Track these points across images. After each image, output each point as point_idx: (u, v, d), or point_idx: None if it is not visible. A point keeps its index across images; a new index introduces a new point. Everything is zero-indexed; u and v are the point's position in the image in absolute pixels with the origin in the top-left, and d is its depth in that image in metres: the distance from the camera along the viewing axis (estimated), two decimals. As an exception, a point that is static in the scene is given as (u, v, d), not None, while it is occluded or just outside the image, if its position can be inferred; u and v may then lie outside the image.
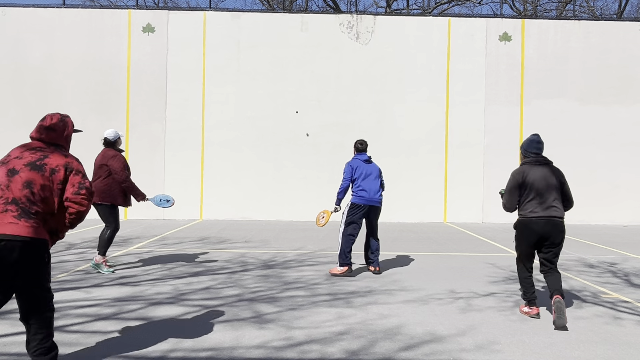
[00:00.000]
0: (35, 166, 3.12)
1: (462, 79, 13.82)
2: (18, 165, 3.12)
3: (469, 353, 3.84)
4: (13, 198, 3.03)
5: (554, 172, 4.79)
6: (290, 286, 5.91)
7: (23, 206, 3.03)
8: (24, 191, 3.05)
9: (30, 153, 3.19)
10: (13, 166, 3.12)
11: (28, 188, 3.06)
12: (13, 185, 3.06)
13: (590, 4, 24.45)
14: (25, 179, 3.07)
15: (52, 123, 3.34)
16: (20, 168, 3.10)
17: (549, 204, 4.65)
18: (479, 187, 13.76)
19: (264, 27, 13.81)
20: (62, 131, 3.42)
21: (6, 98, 13.56)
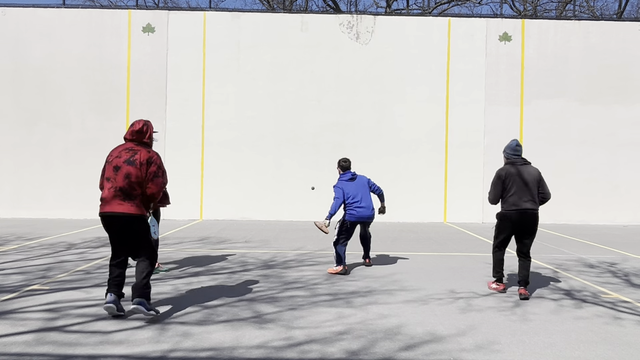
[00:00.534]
0: (130, 162, 4.47)
1: (462, 79, 13.82)
2: (119, 163, 4.49)
3: (469, 353, 3.84)
4: (119, 187, 4.45)
5: (533, 171, 5.62)
6: (290, 286, 5.91)
7: (126, 192, 4.45)
8: (125, 181, 4.44)
9: (125, 152, 4.54)
10: (116, 164, 4.50)
11: (127, 179, 4.45)
12: (118, 178, 4.46)
13: (590, 4, 24.45)
14: (125, 172, 4.45)
15: (139, 127, 4.67)
16: (121, 165, 4.47)
17: (528, 199, 5.42)
18: (479, 187, 13.76)
19: (264, 27, 13.81)
20: (146, 133, 4.70)
21: (6, 98, 13.56)
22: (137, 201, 4.49)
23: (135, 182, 4.45)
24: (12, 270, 6.51)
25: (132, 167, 4.44)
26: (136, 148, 4.57)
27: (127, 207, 4.43)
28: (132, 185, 4.45)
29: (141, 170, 4.46)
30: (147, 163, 4.49)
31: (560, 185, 13.79)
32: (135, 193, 4.47)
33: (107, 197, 4.49)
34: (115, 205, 4.44)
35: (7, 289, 5.52)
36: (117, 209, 4.44)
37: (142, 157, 4.50)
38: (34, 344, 3.85)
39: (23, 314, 4.63)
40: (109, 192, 4.48)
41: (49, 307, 4.84)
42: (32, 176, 13.47)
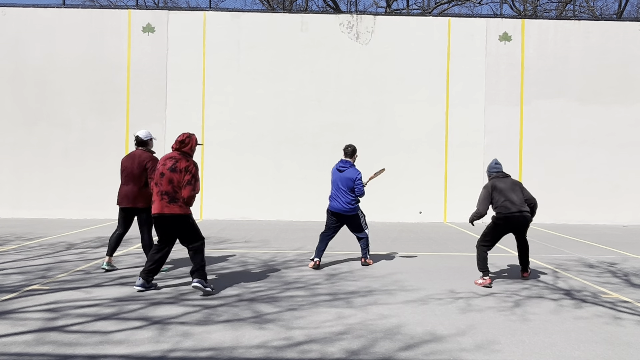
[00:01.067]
0: (173, 169, 5.30)
1: (462, 79, 13.82)
2: (164, 170, 5.32)
3: (469, 353, 3.84)
4: (165, 191, 5.28)
5: (514, 181, 6.43)
6: (290, 286, 5.91)
7: (171, 195, 5.27)
8: (169, 186, 5.28)
9: (169, 161, 5.35)
10: (162, 170, 5.33)
11: (171, 184, 5.28)
12: (163, 183, 5.29)
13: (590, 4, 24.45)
14: (169, 178, 5.28)
15: (183, 139, 5.47)
16: (165, 172, 5.30)
17: (520, 203, 6.19)
18: (479, 187, 13.75)
19: (264, 27, 13.81)
20: (188, 144, 5.48)
21: (6, 98, 13.57)
22: (181, 202, 5.29)
23: (177, 187, 5.27)
24: (12, 270, 6.51)
25: (174, 173, 5.27)
26: (178, 157, 5.36)
27: (172, 208, 5.26)
28: (175, 189, 5.26)
29: (181, 177, 5.27)
30: (185, 171, 5.27)
31: (560, 185, 13.80)
32: (178, 196, 5.28)
33: (155, 200, 5.34)
34: (163, 206, 5.26)
35: (7, 289, 5.52)
36: (164, 210, 5.26)
37: (181, 165, 5.29)
38: (34, 344, 3.85)
39: (23, 314, 4.63)
40: (157, 196, 5.32)
41: (49, 307, 4.85)
42: (32, 176, 13.47)
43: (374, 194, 13.66)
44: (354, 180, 6.80)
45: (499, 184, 6.28)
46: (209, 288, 5.36)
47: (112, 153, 13.52)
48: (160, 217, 5.31)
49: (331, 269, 6.98)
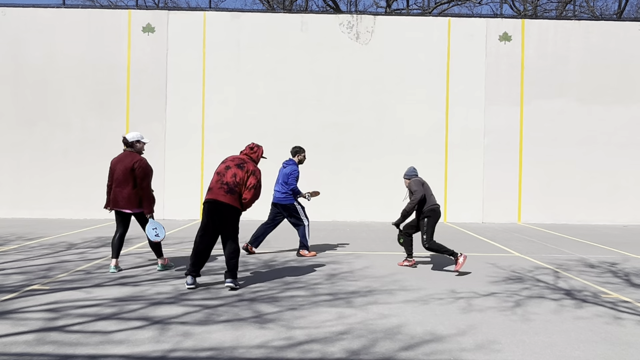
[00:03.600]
0: (240, 166, 5.72)
1: (462, 79, 13.82)
2: (231, 164, 5.72)
3: (469, 353, 3.84)
4: (226, 182, 5.61)
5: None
6: (291, 286, 5.91)
7: (231, 186, 5.60)
8: (232, 179, 5.62)
9: (239, 159, 5.81)
10: (228, 164, 5.74)
11: (234, 177, 5.63)
12: (227, 174, 5.65)
13: (590, 4, 24.45)
14: (234, 172, 5.66)
15: (253, 146, 6.00)
16: (232, 166, 5.71)
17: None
18: (479, 187, 13.76)
19: (264, 27, 13.81)
20: (256, 152, 6.01)
21: (6, 98, 13.57)
22: (236, 196, 5.59)
23: (239, 183, 5.60)
24: (13, 270, 6.52)
25: (240, 169, 5.66)
26: (247, 160, 5.84)
27: (228, 198, 5.56)
28: (236, 183, 5.59)
29: (245, 175, 5.64)
30: (251, 174, 5.67)
31: (560, 185, 13.80)
32: (237, 190, 5.60)
33: (213, 187, 5.64)
34: (220, 195, 5.56)
35: (7, 289, 5.52)
36: (222, 198, 5.55)
37: (249, 167, 5.73)
38: (35, 344, 3.85)
39: (24, 314, 4.63)
40: (216, 184, 5.63)
41: (50, 307, 4.85)
42: (32, 176, 13.47)
43: (374, 194, 13.67)
44: (289, 175, 8.12)
45: (424, 181, 7.33)
46: (237, 286, 5.69)
47: (112, 153, 13.48)
48: (214, 203, 5.56)
49: (331, 269, 6.98)
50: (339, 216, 13.63)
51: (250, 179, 5.63)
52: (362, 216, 13.64)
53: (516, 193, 13.79)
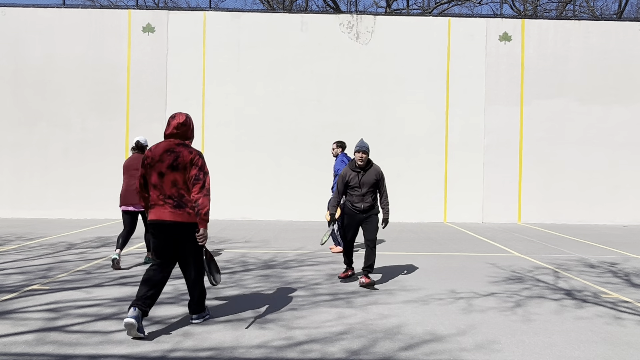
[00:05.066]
0: (174, 167, 4.18)
1: (462, 79, 13.82)
2: (163, 168, 4.18)
3: (469, 353, 3.84)
4: (169, 195, 4.19)
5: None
6: (291, 286, 5.91)
7: (176, 200, 4.19)
8: (173, 189, 4.19)
9: (168, 155, 4.20)
10: (160, 169, 4.19)
11: (175, 187, 4.19)
12: (165, 185, 4.19)
13: (590, 4, 24.45)
14: (172, 178, 4.18)
15: (183, 120, 4.32)
16: (165, 170, 4.18)
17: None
18: (479, 187, 13.76)
19: (264, 27, 13.81)
20: (186, 126, 4.34)
21: (6, 98, 13.57)
22: (190, 208, 4.20)
23: (184, 189, 4.20)
24: (13, 270, 6.51)
25: (177, 172, 4.17)
26: (177, 148, 4.22)
27: (178, 215, 4.18)
28: (182, 192, 4.20)
29: (185, 175, 4.18)
30: (191, 165, 4.17)
31: (560, 185, 13.80)
32: (186, 200, 4.20)
33: (155, 203, 4.24)
34: (165, 213, 4.19)
35: (7, 289, 5.52)
36: (166, 217, 4.17)
37: (184, 158, 4.17)
38: (35, 344, 3.85)
39: (24, 314, 4.63)
40: (158, 199, 4.22)
41: (50, 307, 4.85)
42: (32, 176, 13.47)
43: (374, 194, 13.65)
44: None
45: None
46: (208, 315, 4.60)
47: (112, 153, 13.53)
48: (160, 226, 4.19)
49: (331, 269, 6.98)
50: (339, 216, 13.60)
51: (192, 170, 4.17)
52: (362, 216, 13.62)
53: (516, 193, 13.79)
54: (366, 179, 5.94)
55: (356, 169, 5.97)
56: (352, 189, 6.00)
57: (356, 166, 5.96)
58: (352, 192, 6.01)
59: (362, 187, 5.94)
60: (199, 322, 4.44)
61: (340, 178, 6.02)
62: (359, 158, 5.85)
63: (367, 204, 5.97)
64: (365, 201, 5.96)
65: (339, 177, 6.03)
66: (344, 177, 5.99)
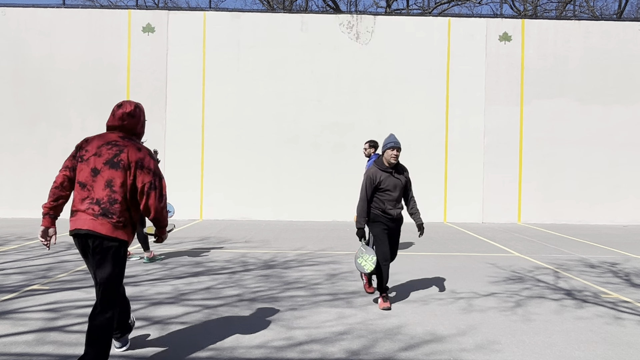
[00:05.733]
0: (114, 163, 3.22)
1: (462, 79, 13.82)
2: (100, 164, 3.23)
3: (469, 353, 3.84)
4: (97, 199, 3.19)
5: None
6: (291, 286, 5.91)
7: (104, 205, 3.17)
8: (105, 191, 3.19)
9: (108, 149, 3.26)
10: (94, 164, 3.23)
11: (109, 189, 3.19)
12: (97, 185, 3.21)
13: (590, 4, 24.45)
14: (108, 178, 3.20)
15: (131, 110, 3.39)
16: (101, 167, 3.22)
17: None
18: (479, 187, 13.76)
19: (264, 27, 13.81)
20: (137, 117, 3.43)
21: (6, 98, 13.56)
22: (117, 218, 3.21)
23: (119, 193, 3.21)
24: (13, 270, 6.51)
25: (117, 169, 3.22)
26: (122, 142, 3.29)
27: (102, 225, 3.17)
28: (114, 197, 3.20)
29: (128, 173, 3.24)
30: (138, 167, 3.24)
31: (560, 185, 13.79)
32: (115, 208, 3.20)
33: (78, 208, 3.24)
34: (88, 221, 3.19)
35: (7, 289, 5.52)
36: (88, 225, 3.17)
37: (129, 155, 3.24)
38: (35, 344, 3.85)
39: (24, 314, 4.63)
40: (83, 202, 3.23)
41: (50, 307, 4.84)
42: (32, 176, 13.47)
43: (374, 194, 13.66)
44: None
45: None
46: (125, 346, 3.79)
47: (112, 153, 13.51)
48: (83, 237, 3.20)
49: (331, 269, 6.98)
50: (339, 216, 13.63)
51: (142, 177, 3.22)
52: (362, 216, 13.62)
53: (516, 193, 13.79)
54: (399, 181, 5.15)
55: (387, 168, 5.11)
56: (383, 193, 5.09)
57: (387, 165, 5.11)
58: (382, 196, 5.10)
59: (395, 189, 5.09)
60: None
61: (367, 180, 5.10)
62: (393, 156, 5.04)
63: (399, 210, 5.16)
64: (398, 207, 5.14)
65: (366, 179, 5.12)
66: (372, 179, 5.09)
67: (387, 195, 5.09)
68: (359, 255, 5.05)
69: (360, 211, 5.13)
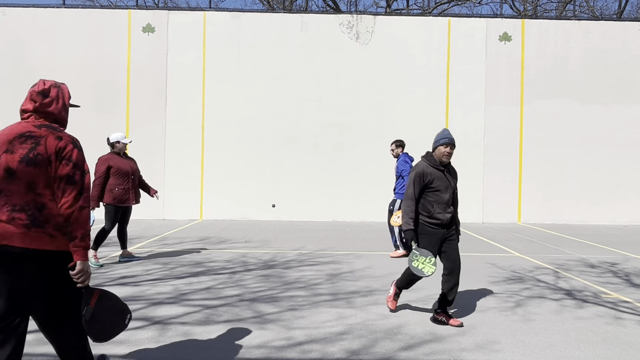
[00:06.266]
0: (30, 160, 2.58)
1: (462, 79, 13.83)
2: (13, 161, 2.58)
3: (469, 353, 3.84)
4: (19, 204, 2.57)
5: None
6: (291, 286, 5.91)
7: (31, 212, 2.56)
8: (28, 195, 2.58)
9: (21, 143, 2.61)
10: (7, 163, 2.58)
11: (32, 191, 2.58)
12: (14, 187, 2.57)
13: (590, 4, 24.45)
14: (28, 179, 2.57)
15: (44, 88, 2.74)
16: (15, 165, 2.57)
17: None
18: (479, 187, 13.76)
19: (264, 27, 13.81)
20: (56, 98, 2.76)
21: (6, 98, 13.57)
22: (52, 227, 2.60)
23: (46, 194, 2.62)
24: (13, 270, 6.50)
25: (35, 168, 2.59)
26: (39, 132, 2.65)
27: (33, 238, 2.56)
28: (40, 200, 2.60)
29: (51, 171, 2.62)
30: (59, 158, 2.62)
31: (560, 185, 13.79)
32: (47, 213, 2.60)
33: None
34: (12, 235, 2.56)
35: (7, 289, 5.51)
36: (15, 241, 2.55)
37: (47, 147, 2.61)
38: (35, 344, 3.85)
39: (23, 314, 4.62)
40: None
41: (50, 307, 4.84)
42: (32, 176, 13.45)
43: (374, 194, 13.66)
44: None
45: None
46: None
47: (112, 153, 13.52)
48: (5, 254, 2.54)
49: (331, 269, 6.98)
50: (339, 216, 13.63)
51: (61, 167, 2.61)
52: (362, 216, 13.64)
53: (516, 193, 13.79)
54: (451, 181, 4.60)
55: (439, 166, 4.53)
56: (432, 193, 4.50)
57: (440, 163, 4.54)
58: (431, 198, 4.51)
59: (446, 191, 4.52)
60: None
61: (415, 177, 4.51)
62: (446, 154, 4.48)
63: (450, 214, 4.55)
64: (448, 210, 4.54)
65: (414, 177, 4.52)
66: (422, 176, 4.50)
67: (437, 197, 4.49)
68: (413, 259, 4.42)
69: (407, 210, 4.53)
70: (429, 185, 4.51)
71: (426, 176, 4.50)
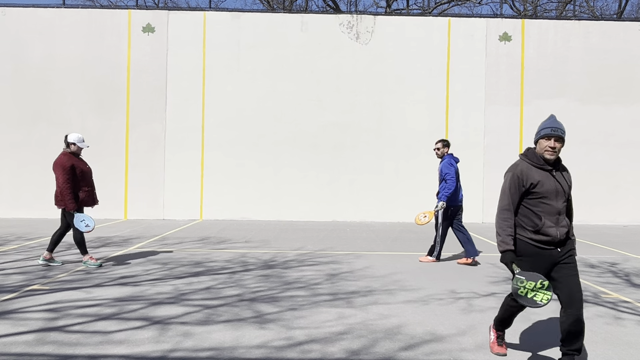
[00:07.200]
0: None
1: (462, 79, 13.83)
2: None
3: (469, 353, 3.84)
4: None
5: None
6: (291, 286, 5.91)
7: None
8: None
9: None
10: None
11: None
12: None
13: (590, 4, 24.45)
14: None
15: None
16: None
17: None
18: (479, 187, 13.76)
19: (264, 27, 13.81)
20: None
21: (6, 98, 13.56)
22: None
23: None
24: (13, 270, 6.51)
25: None
26: None
27: None
28: None
29: None
30: None
31: (560, 185, 13.79)
32: None
33: None
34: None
35: (7, 289, 5.52)
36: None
37: None
38: (35, 344, 3.85)
39: (24, 314, 4.63)
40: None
41: (50, 307, 4.84)
42: (32, 176, 13.47)
43: (374, 194, 13.67)
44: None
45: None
46: None
47: (112, 153, 13.52)
48: None
49: (331, 269, 6.98)
50: (339, 216, 13.63)
51: None
52: (362, 216, 13.64)
53: (516, 193, 13.77)
54: (564, 185, 3.49)
55: (544, 165, 3.45)
56: (537, 201, 3.42)
57: (544, 161, 3.45)
58: (536, 206, 3.42)
59: (556, 197, 3.42)
60: None
61: (512, 182, 3.45)
62: (549, 150, 3.41)
63: (564, 229, 3.43)
64: (561, 224, 3.42)
65: (510, 180, 3.46)
66: (520, 178, 3.44)
67: (544, 205, 3.39)
68: (518, 286, 3.27)
69: (503, 226, 3.44)
70: (532, 190, 3.41)
71: (527, 179, 3.42)
